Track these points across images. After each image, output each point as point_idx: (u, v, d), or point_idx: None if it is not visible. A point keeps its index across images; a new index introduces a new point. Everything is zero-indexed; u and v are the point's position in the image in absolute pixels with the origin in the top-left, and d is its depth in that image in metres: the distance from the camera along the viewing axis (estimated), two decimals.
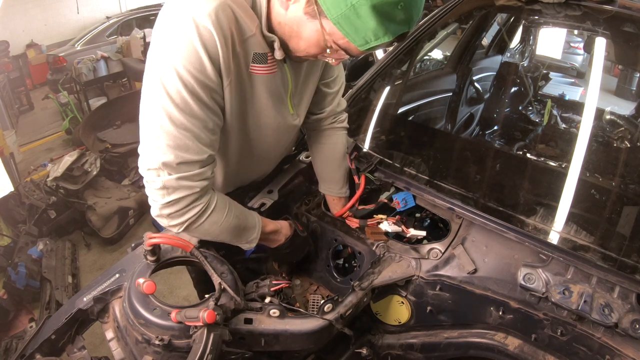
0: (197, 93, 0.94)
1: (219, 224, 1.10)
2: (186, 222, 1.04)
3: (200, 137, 0.99)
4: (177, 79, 0.91)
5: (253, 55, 1.02)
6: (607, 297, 1.10)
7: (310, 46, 0.98)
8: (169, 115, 0.94)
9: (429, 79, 2.80)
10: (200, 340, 0.95)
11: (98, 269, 3.54)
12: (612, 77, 4.49)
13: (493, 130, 2.85)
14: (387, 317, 1.38)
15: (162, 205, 1.01)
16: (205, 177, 1.04)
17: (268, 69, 1.06)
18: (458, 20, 2.35)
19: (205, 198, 1.05)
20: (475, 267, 1.25)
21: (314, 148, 1.50)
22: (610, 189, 1.67)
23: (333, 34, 0.92)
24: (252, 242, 1.22)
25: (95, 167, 4.12)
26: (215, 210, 1.08)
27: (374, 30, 0.87)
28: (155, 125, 0.95)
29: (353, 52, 0.96)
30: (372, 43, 0.90)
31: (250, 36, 0.99)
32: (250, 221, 1.21)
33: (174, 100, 0.93)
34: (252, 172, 1.41)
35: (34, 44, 8.95)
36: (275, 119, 1.20)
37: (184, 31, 0.90)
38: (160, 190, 0.99)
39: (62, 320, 1.15)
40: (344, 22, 0.87)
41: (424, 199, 1.42)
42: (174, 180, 0.98)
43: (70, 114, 5.90)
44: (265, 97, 1.12)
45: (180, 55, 0.91)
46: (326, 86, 1.36)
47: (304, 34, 0.96)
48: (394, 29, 0.88)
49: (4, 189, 3.75)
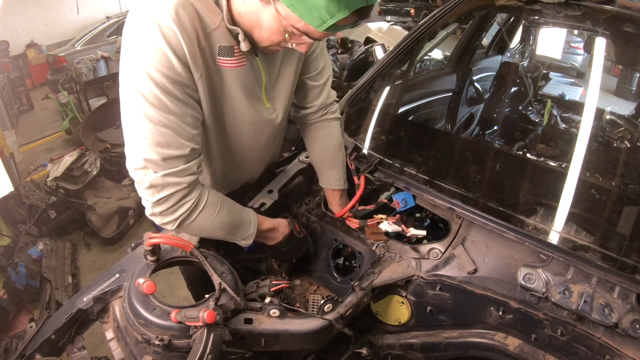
0: (169, 90, 0.96)
1: (212, 220, 1.11)
2: (179, 218, 1.06)
3: (180, 132, 1.00)
4: (148, 80, 0.93)
5: (219, 49, 1.02)
6: (607, 297, 1.10)
7: (272, 34, 0.98)
8: (146, 115, 0.96)
9: (429, 79, 2.80)
10: (200, 340, 0.95)
11: (98, 269, 3.54)
12: (612, 77, 4.48)
13: (493, 130, 2.84)
14: (387, 317, 1.38)
15: (153, 204, 1.03)
16: (192, 172, 1.04)
17: (236, 61, 1.06)
18: (458, 20, 2.34)
19: (194, 193, 1.06)
20: (475, 267, 1.25)
21: (309, 141, 1.50)
22: (610, 189, 1.67)
23: (289, 18, 0.92)
24: (248, 238, 1.22)
25: (95, 167, 4.12)
26: (207, 206, 1.09)
27: (326, 7, 0.86)
28: (134, 126, 0.98)
29: (314, 34, 0.95)
30: (329, 22, 0.88)
31: (214, 29, 0.99)
32: (245, 217, 1.21)
33: (148, 100, 0.95)
34: (237, 172, 1.39)
35: (34, 44, 8.96)
36: (250, 114, 1.19)
37: (148, 33, 0.92)
38: (149, 189, 1.01)
39: (62, 320, 1.15)
40: (296, 2, 0.87)
41: (424, 199, 1.42)
42: (160, 178, 0.99)
43: (70, 114, 5.90)
44: (237, 91, 1.12)
45: (148, 57, 0.92)
46: (311, 79, 1.35)
47: (263, 22, 0.96)
48: (348, 3, 0.87)
49: (4, 189, 3.75)
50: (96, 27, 8.27)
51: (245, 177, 1.45)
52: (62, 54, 7.49)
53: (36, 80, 8.51)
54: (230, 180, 1.40)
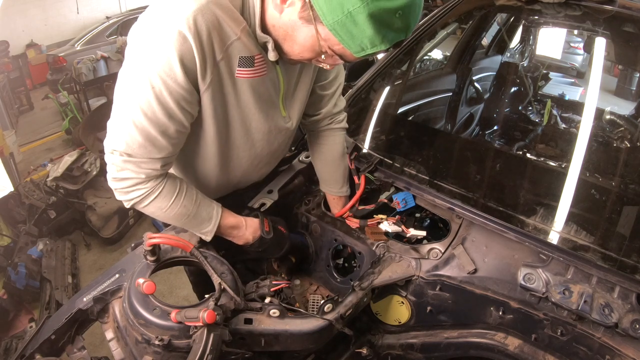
0: (164, 100, 0.95)
1: (163, 210, 1.12)
2: (131, 200, 1.09)
3: (155, 143, 1.01)
4: (147, 84, 0.93)
5: (239, 60, 1.01)
6: (607, 297, 1.10)
7: (305, 50, 0.97)
8: (131, 114, 0.97)
9: (429, 79, 2.80)
10: (200, 340, 0.95)
11: (98, 269, 3.54)
12: (612, 77, 4.48)
13: (493, 130, 2.84)
14: (387, 317, 1.38)
15: (112, 179, 1.06)
16: (153, 168, 1.05)
17: (255, 72, 1.05)
18: (458, 20, 2.35)
19: (150, 184, 1.07)
20: (475, 267, 1.25)
21: (313, 148, 1.49)
22: (610, 188, 1.67)
23: (328, 40, 0.92)
24: (207, 234, 1.21)
25: (95, 167, 4.12)
26: (159, 197, 1.09)
27: (370, 38, 0.86)
28: (118, 113, 0.99)
29: (348, 58, 0.96)
30: (368, 50, 0.89)
31: (235, 40, 0.97)
32: (205, 213, 1.19)
33: (139, 103, 0.95)
34: (246, 176, 1.38)
35: (34, 44, 8.95)
36: (265, 123, 1.18)
37: (160, 36, 0.90)
38: (111, 166, 1.04)
39: (62, 320, 1.15)
40: (340, 28, 0.86)
41: (424, 199, 1.42)
42: (121, 162, 1.02)
43: (70, 114, 5.90)
44: (252, 101, 1.11)
45: (154, 61, 0.91)
46: (322, 88, 1.34)
47: (298, 39, 0.95)
48: (391, 36, 0.88)
49: (4, 189, 3.75)
50: (96, 27, 8.25)
51: (254, 179, 1.44)
52: (62, 54, 7.48)
53: (36, 80, 8.50)
54: (240, 181, 1.38)
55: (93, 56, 6.65)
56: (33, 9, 9.32)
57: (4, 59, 7.65)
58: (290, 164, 1.64)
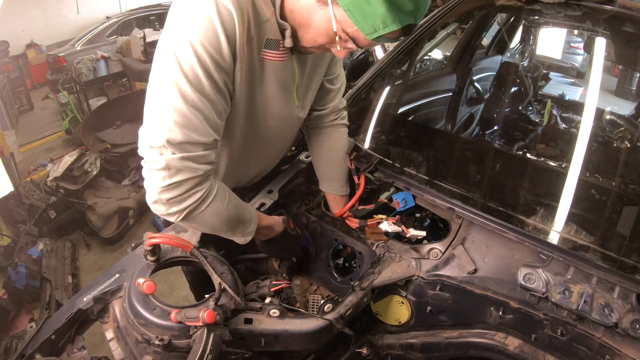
0: (210, 72, 0.93)
1: (219, 214, 1.06)
2: (186, 209, 0.99)
3: (209, 119, 0.96)
4: (192, 54, 0.89)
5: (266, 41, 1.03)
6: (607, 297, 1.10)
7: (319, 35, 1.00)
8: (181, 91, 0.91)
9: (429, 79, 2.80)
10: (200, 340, 0.95)
11: (98, 269, 3.54)
12: (612, 77, 4.48)
13: (493, 130, 2.84)
14: (387, 317, 1.38)
15: (162, 189, 0.95)
16: (209, 161, 1.00)
17: (279, 56, 1.07)
18: (458, 20, 2.35)
19: (207, 183, 1.00)
20: (475, 267, 1.25)
21: (314, 146, 1.49)
22: (610, 189, 1.67)
23: (343, 22, 0.94)
24: (247, 235, 1.18)
25: (95, 167, 4.12)
26: (216, 198, 1.03)
27: (382, 18, 0.88)
28: (164, 101, 0.92)
29: (361, 42, 0.97)
30: (380, 31, 0.91)
31: (265, 21, 1.00)
32: (247, 214, 1.17)
33: (187, 76, 0.90)
34: (250, 167, 1.39)
35: (34, 44, 8.94)
36: (282, 108, 1.20)
37: (203, 6, 0.90)
38: (162, 172, 0.93)
39: (62, 320, 1.15)
40: (354, 8, 0.89)
41: (424, 199, 1.42)
42: (177, 160, 0.93)
43: (70, 114, 5.90)
44: (274, 85, 1.13)
45: (198, 30, 0.90)
46: (330, 82, 1.38)
47: (314, 22, 0.98)
48: (402, 18, 0.90)
49: (4, 189, 3.75)
50: (96, 27, 8.24)
51: (256, 173, 1.45)
52: (62, 54, 7.47)
53: (36, 80, 8.49)
54: (240, 174, 1.38)
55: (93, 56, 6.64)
56: (33, 9, 9.32)
57: (4, 59, 7.65)
58: (291, 163, 1.64)
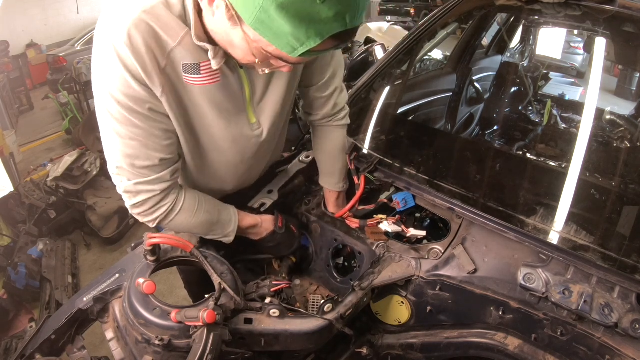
0: (132, 108, 0.97)
1: (190, 221, 1.16)
2: (156, 219, 1.12)
3: (147, 144, 1.02)
4: (113, 102, 0.96)
5: (183, 66, 0.98)
6: (607, 297, 1.10)
7: (246, 55, 0.89)
8: (114, 130, 1.00)
9: (429, 79, 2.80)
10: (200, 340, 0.95)
11: (98, 269, 3.54)
12: (612, 77, 4.48)
13: (493, 130, 2.84)
14: (387, 317, 1.38)
15: (131, 206, 1.10)
16: (164, 180, 1.07)
17: (203, 79, 1.01)
18: (458, 20, 2.34)
19: (169, 198, 1.11)
20: (475, 267, 1.25)
21: (315, 140, 1.49)
22: (610, 189, 1.67)
23: (259, 41, 0.82)
24: (228, 235, 1.25)
25: (95, 167, 4.13)
26: (183, 209, 1.14)
27: (292, 34, 0.75)
28: (106, 139, 1.03)
29: (289, 59, 0.85)
30: (300, 49, 0.78)
31: (175, 47, 0.94)
32: (225, 216, 1.24)
33: (115, 118, 0.98)
34: (225, 184, 1.35)
35: (34, 44, 8.96)
36: (227, 131, 1.14)
37: (107, 56, 0.93)
38: (125, 194, 1.08)
39: (62, 320, 1.15)
40: (261, 26, 0.76)
41: (424, 199, 1.42)
42: (132, 185, 1.05)
43: (70, 114, 5.90)
44: (207, 108, 1.07)
45: (109, 79, 0.95)
46: (316, 91, 1.30)
47: (235, 43, 0.88)
48: (321, 28, 0.75)
49: (4, 189, 3.75)
50: None
51: (237, 187, 1.42)
52: (62, 54, 7.48)
53: (36, 80, 8.51)
54: (215, 191, 1.35)
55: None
56: (33, 9, 9.34)
57: (4, 59, 7.66)
58: (291, 163, 1.64)
